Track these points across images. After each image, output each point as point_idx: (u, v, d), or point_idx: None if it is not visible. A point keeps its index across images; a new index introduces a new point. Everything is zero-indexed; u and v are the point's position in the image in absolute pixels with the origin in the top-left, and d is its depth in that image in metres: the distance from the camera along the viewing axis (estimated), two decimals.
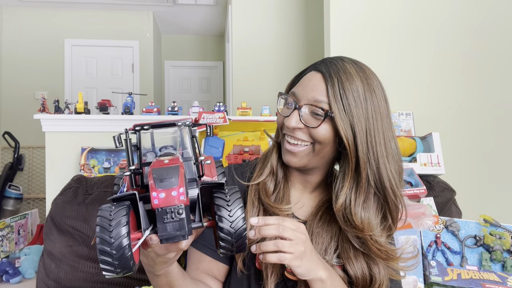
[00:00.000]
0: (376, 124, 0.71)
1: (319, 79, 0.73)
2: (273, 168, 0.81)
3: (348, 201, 0.73)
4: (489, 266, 1.28)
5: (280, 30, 3.20)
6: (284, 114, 0.77)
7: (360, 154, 0.70)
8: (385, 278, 0.75)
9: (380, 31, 2.09)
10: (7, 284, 1.98)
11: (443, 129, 1.92)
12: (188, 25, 5.12)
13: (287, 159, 0.77)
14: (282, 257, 0.61)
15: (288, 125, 0.74)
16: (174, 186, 0.48)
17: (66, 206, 1.60)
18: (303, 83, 0.76)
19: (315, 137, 0.73)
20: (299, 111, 0.73)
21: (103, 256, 0.47)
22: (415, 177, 1.51)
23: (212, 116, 1.68)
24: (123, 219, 0.48)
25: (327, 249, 0.75)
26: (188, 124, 0.58)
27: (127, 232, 0.48)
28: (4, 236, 2.20)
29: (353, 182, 0.73)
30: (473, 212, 1.58)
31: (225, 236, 0.53)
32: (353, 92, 0.71)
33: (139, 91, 4.58)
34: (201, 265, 0.80)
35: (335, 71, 0.72)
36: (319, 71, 0.74)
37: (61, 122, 2.06)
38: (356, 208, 0.72)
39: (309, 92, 0.73)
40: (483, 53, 2.11)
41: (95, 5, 4.48)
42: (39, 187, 4.05)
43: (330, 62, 0.75)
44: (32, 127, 3.20)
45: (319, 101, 0.72)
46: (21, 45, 4.47)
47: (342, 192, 0.73)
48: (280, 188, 0.80)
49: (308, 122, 0.73)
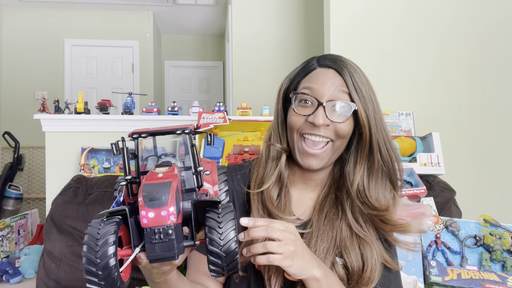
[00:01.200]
0: (379, 110, 0.77)
1: (334, 74, 0.75)
2: (280, 175, 0.80)
3: (362, 184, 0.76)
4: (489, 266, 1.28)
5: (280, 30, 3.20)
6: (304, 113, 0.74)
7: (373, 140, 0.74)
8: (377, 263, 0.74)
9: (380, 31, 2.09)
10: (7, 284, 1.98)
11: (443, 129, 1.92)
12: (188, 25, 5.12)
13: (308, 163, 0.76)
14: (271, 258, 0.61)
15: (317, 122, 0.72)
16: (164, 206, 0.46)
17: (66, 206, 1.60)
18: (319, 79, 0.75)
19: (341, 132, 0.74)
20: (324, 107, 0.72)
21: (89, 276, 0.46)
22: (415, 177, 1.51)
23: (212, 116, 1.68)
24: (111, 238, 0.46)
25: (329, 247, 0.75)
26: (188, 132, 0.56)
27: (113, 252, 0.46)
28: (4, 236, 2.20)
29: (366, 165, 0.76)
30: (473, 212, 1.58)
31: (215, 259, 0.51)
32: (362, 83, 0.75)
33: (139, 91, 4.58)
34: (201, 267, 0.79)
35: (344, 65, 0.75)
36: (328, 67, 0.76)
37: (61, 122, 2.06)
38: (371, 191, 0.75)
39: (330, 88, 0.73)
40: (483, 53, 2.11)
41: (95, 5, 4.48)
42: (39, 187, 4.05)
43: (332, 58, 0.77)
44: (32, 127, 3.20)
45: (341, 96, 0.73)
46: (21, 45, 4.47)
47: (356, 177, 0.76)
48: (282, 196, 0.79)
49: (334, 118, 0.73)
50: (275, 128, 0.82)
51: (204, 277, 0.79)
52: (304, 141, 0.75)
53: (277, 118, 0.82)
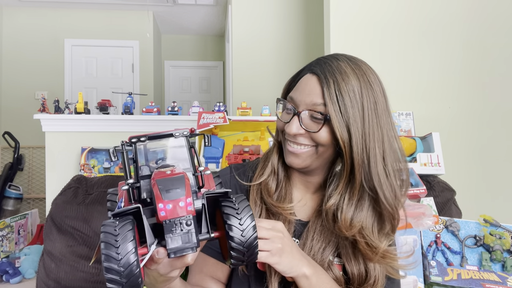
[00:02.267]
0: (373, 123, 0.69)
1: (315, 82, 0.72)
2: (274, 168, 0.81)
3: (341, 201, 0.73)
4: (489, 266, 1.28)
5: (280, 30, 3.20)
6: (284, 120, 0.76)
7: (355, 156, 0.69)
8: (380, 275, 0.75)
9: (380, 31, 2.09)
10: (7, 284, 1.98)
11: (443, 129, 1.92)
12: (188, 25, 5.12)
13: (290, 160, 0.77)
14: (258, 255, 0.61)
15: (289, 131, 0.73)
16: (182, 197, 0.47)
17: (66, 206, 1.60)
18: (300, 87, 0.75)
19: (317, 140, 0.73)
20: (298, 116, 0.73)
21: (110, 274, 0.44)
22: (415, 177, 1.51)
23: (212, 116, 1.68)
24: (129, 234, 0.46)
25: (326, 248, 0.75)
26: (186, 135, 0.56)
27: (134, 247, 0.45)
28: (4, 236, 2.20)
29: (348, 183, 0.72)
30: (473, 212, 1.58)
31: (236, 245, 0.51)
32: (349, 92, 0.69)
33: (139, 91, 4.58)
34: (204, 268, 0.79)
35: (330, 72, 0.71)
36: (314, 73, 0.73)
37: (61, 122, 2.07)
38: (347, 209, 0.72)
39: (307, 97, 0.72)
40: (483, 53, 2.11)
41: (95, 5, 4.48)
42: (39, 187, 4.05)
43: (325, 62, 0.74)
44: (32, 127, 3.21)
45: (317, 104, 0.71)
46: (21, 45, 4.47)
47: (336, 193, 0.73)
48: (282, 187, 0.80)
49: (309, 127, 0.72)
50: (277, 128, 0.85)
51: (207, 278, 0.79)
52: (287, 143, 0.77)
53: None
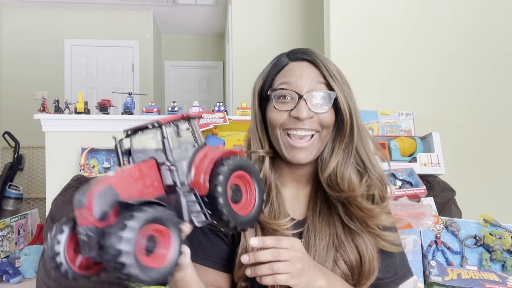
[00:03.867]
0: (353, 97, 0.77)
1: (309, 66, 0.74)
2: (265, 178, 0.77)
3: (337, 168, 0.75)
4: (489, 266, 1.28)
5: (280, 30, 3.20)
6: (285, 108, 0.73)
7: (355, 126, 0.74)
8: (373, 252, 0.73)
9: (380, 31, 2.09)
10: (7, 284, 1.98)
11: (443, 129, 1.92)
12: (188, 25, 5.12)
13: (297, 157, 0.74)
14: (278, 279, 0.60)
15: (301, 116, 0.71)
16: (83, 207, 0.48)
17: (66, 206, 1.60)
18: (294, 73, 0.74)
19: (325, 122, 0.73)
20: (305, 100, 0.72)
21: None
22: (415, 177, 1.51)
23: (212, 116, 1.69)
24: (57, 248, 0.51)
25: (328, 244, 0.74)
26: (156, 126, 0.56)
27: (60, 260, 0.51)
28: (4, 236, 2.20)
29: (343, 152, 0.75)
30: (473, 212, 1.58)
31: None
32: (337, 72, 0.75)
33: (139, 91, 4.58)
34: (205, 279, 0.75)
35: (315, 56, 0.74)
36: (301, 59, 0.75)
37: (61, 122, 2.07)
38: (345, 173, 0.74)
39: (307, 80, 0.73)
40: (483, 53, 2.11)
41: (95, 5, 4.48)
42: (39, 187, 4.04)
43: (303, 51, 0.76)
44: (32, 127, 3.20)
45: (320, 86, 0.73)
46: (21, 45, 4.47)
47: (332, 162, 0.75)
48: (273, 201, 0.77)
49: (317, 109, 0.72)
50: (254, 130, 0.80)
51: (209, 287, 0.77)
52: (289, 136, 0.74)
53: (255, 120, 0.80)
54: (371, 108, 1.95)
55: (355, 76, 2.02)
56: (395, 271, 0.79)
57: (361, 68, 2.04)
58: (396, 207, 1.30)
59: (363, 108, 1.95)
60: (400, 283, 0.80)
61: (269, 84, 0.77)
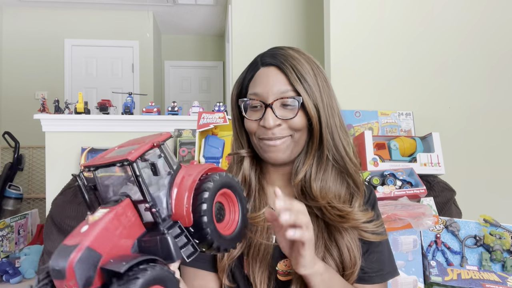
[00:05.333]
0: (328, 99, 0.75)
1: (275, 72, 0.73)
2: (245, 178, 0.79)
3: (308, 175, 0.75)
4: (489, 266, 1.28)
5: (280, 30, 3.20)
6: (255, 118, 0.75)
7: (323, 131, 0.73)
8: (352, 242, 0.73)
9: (380, 31, 2.09)
10: (7, 284, 1.98)
11: (443, 129, 1.92)
12: (188, 25, 5.12)
13: (273, 156, 0.75)
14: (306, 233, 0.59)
15: (267, 125, 0.72)
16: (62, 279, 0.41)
17: (66, 206, 1.60)
18: (261, 81, 0.74)
19: (294, 127, 0.73)
20: (271, 108, 0.72)
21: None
22: (415, 177, 1.51)
23: (212, 116, 1.69)
24: None
25: (318, 240, 0.74)
26: (127, 164, 0.47)
27: None
28: (4, 236, 2.20)
29: (315, 157, 0.75)
30: (473, 212, 1.58)
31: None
32: (307, 73, 0.73)
33: (139, 91, 4.58)
34: (196, 282, 0.77)
35: (284, 60, 0.73)
36: (269, 65, 0.74)
37: (61, 122, 2.07)
38: (316, 181, 0.74)
39: (273, 87, 0.73)
40: (483, 53, 2.11)
41: (95, 5, 4.48)
42: (39, 187, 4.05)
43: (273, 54, 0.75)
44: (32, 127, 3.20)
45: (286, 91, 0.72)
46: (21, 45, 4.47)
47: (303, 168, 0.75)
48: (255, 197, 0.78)
49: (284, 115, 0.73)
50: (235, 134, 0.83)
51: None
52: (263, 142, 0.76)
53: (235, 124, 0.83)
54: (371, 108, 1.95)
55: (355, 76, 2.03)
56: (382, 265, 0.78)
57: (361, 68, 2.04)
58: (396, 207, 1.30)
59: (363, 108, 1.95)
60: (387, 279, 0.80)
61: (245, 91, 0.79)
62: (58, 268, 0.41)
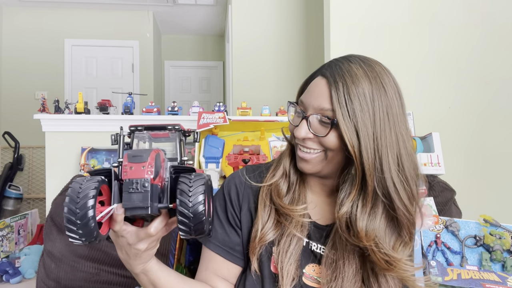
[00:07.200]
0: (385, 127, 0.68)
1: (324, 85, 0.71)
2: (285, 170, 0.80)
3: (355, 208, 0.69)
4: (489, 266, 1.28)
5: (280, 30, 3.20)
6: (294, 123, 0.75)
7: (365, 161, 0.67)
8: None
9: (380, 31, 2.09)
10: (7, 284, 1.98)
11: (443, 129, 1.92)
12: (188, 25, 5.12)
13: (301, 165, 0.76)
14: None
15: (298, 135, 0.72)
16: (144, 161, 0.54)
17: None
18: (310, 90, 0.74)
19: (326, 145, 0.71)
20: (307, 120, 0.72)
21: (69, 224, 0.51)
22: None
23: (212, 116, 1.68)
24: (91, 192, 0.52)
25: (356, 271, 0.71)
26: (178, 129, 0.65)
27: (92, 205, 0.51)
28: (4, 236, 2.20)
29: (360, 189, 0.70)
30: (473, 212, 1.58)
31: (183, 219, 0.57)
32: (359, 96, 0.68)
33: (139, 91, 4.58)
34: (210, 265, 0.79)
35: (340, 75, 0.70)
36: (324, 76, 0.72)
37: (61, 122, 2.07)
38: (361, 217, 0.69)
39: (315, 100, 0.71)
40: (483, 53, 2.11)
41: (95, 5, 4.48)
42: (39, 187, 4.05)
43: (336, 65, 0.73)
44: (32, 127, 3.20)
45: (325, 109, 0.70)
46: (21, 45, 4.47)
47: (348, 200, 0.70)
48: (294, 189, 0.78)
49: (317, 131, 0.71)
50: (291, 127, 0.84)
51: (212, 275, 0.79)
52: (298, 147, 0.76)
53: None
54: None
55: None
56: None
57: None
58: None
59: None
60: None
61: (300, 93, 0.80)
62: (139, 153, 0.55)
